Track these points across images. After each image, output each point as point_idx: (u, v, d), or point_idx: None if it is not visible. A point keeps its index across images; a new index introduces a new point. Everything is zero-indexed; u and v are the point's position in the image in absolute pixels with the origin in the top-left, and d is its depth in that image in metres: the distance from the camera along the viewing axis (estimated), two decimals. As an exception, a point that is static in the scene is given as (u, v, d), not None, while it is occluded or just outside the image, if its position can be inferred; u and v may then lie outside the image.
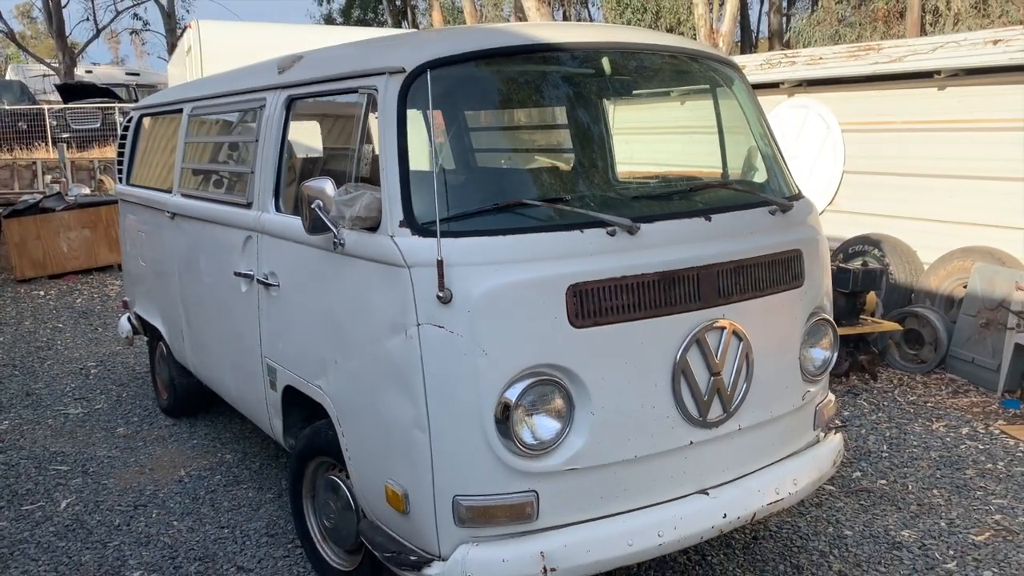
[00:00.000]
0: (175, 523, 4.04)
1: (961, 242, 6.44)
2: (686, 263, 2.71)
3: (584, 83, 3.15)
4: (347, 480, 3.18)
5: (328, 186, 2.79)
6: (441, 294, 2.47)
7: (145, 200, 5.11)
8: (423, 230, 2.57)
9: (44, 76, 29.00)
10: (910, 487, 4.24)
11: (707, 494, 2.84)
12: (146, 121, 5.49)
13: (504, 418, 2.51)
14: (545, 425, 2.56)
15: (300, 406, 3.46)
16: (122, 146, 5.73)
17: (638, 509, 2.72)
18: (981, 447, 4.73)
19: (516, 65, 2.95)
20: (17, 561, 3.72)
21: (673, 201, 2.94)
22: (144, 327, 5.60)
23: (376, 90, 2.76)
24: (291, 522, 3.94)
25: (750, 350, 2.85)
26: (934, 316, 6.12)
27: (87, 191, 12.66)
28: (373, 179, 2.78)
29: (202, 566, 3.65)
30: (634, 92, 3.38)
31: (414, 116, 2.67)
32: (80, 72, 29.33)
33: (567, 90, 3.21)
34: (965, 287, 6.16)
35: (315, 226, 2.82)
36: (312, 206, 2.78)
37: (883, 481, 4.32)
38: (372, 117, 2.82)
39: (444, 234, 2.49)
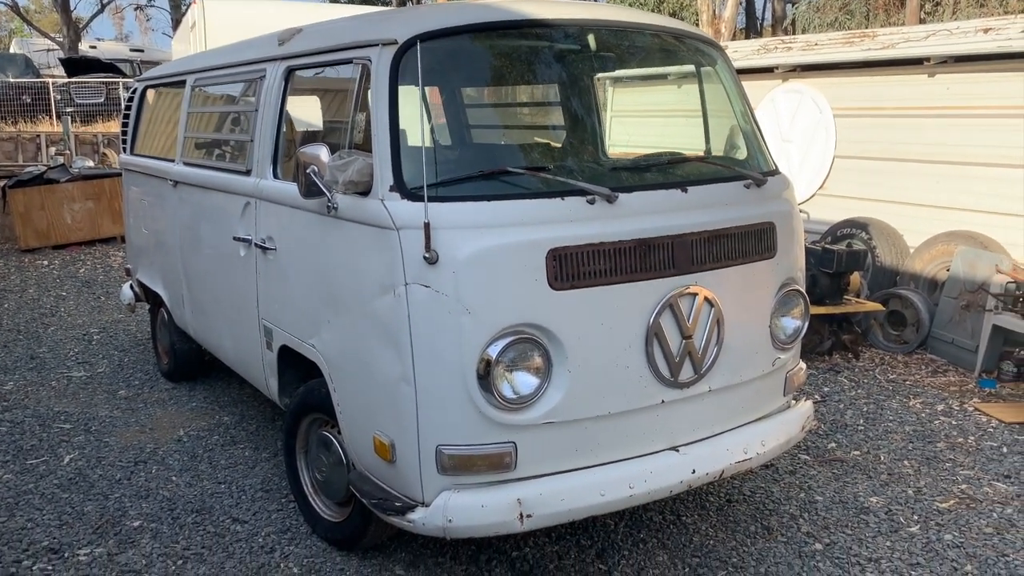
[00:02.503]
0: (174, 478, 4.21)
1: (946, 226, 6.58)
2: (661, 231, 2.85)
3: (570, 59, 3.29)
4: (338, 436, 3.34)
5: (323, 152, 2.93)
6: (428, 255, 2.61)
7: (148, 169, 5.26)
8: (412, 195, 2.72)
9: (48, 50, 29.03)
10: (882, 458, 4.41)
11: (677, 451, 3.00)
12: (150, 92, 5.62)
13: (485, 373, 2.66)
14: (524, 381, 2.72)
15: (295, 366, 3.62)
16: (126, 117, 5.87)
17: (611, 463, 2.88)
18: (954, 423, 4.90)
19: (505, 40, 3.09)
20: (22, 510, 3.89)
21: (651, 173, 3.08)
22: (146, 294, 5.75)
23: (370, 61, 2.90)
24: (286, 479, 4.11)
25: (721, 316, 3.00)
26: (917, 298, 6.27)
27: (91, 164, 12.80)
28: (367, 147, 2.91)
29: (199, 517, 3.82)
30: (619, 69, 3.51)
31: (405, 86, 2.81)
32: (84, 47, 29.37)
33: (554, 65, 3.34)
34: (948, 270, 6.31)
35: (310, 190, 2.96)
36: (308, 171, 2.92)
37: (856, 452, 4.48)
38: (366, 87, 2.96)
39: (431, 199, 2.64)
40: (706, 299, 2.95)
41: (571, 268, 2.71)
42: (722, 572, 3.35)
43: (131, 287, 6.00)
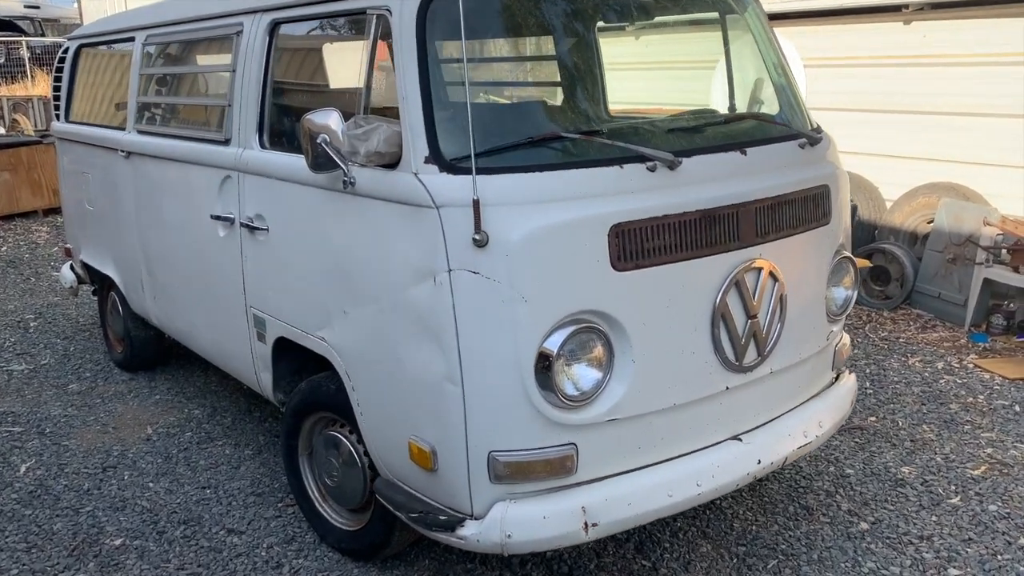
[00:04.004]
0: (151, 485, 3.79)
1: (925, 179, 6.47)
2: (725, 200, 2.56)
3: (608, 5, 2.93)
4: (350, 436, 2.99)
5: (334, 119, 2.53)
6: (478, 237, 2.26)
7: (91, 139, 4.71)
8: (452, 167, 2.35)
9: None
10: (900, 423, 4.26)
11: (740, 440, 2.74)
12: (87, 52, 5.03)
13: (544, 368, 2.34)
14: (586, 375, 2.41)
15: (291, 358, 3.23)
16: (58, 80, 5.26)
17: (675, 459, 2.61)
18: (959, 381, 4.79)
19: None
20: (-19, 532, 3.44)
21: (707, 134, 2.77)
22: (91, 276, 5.22)
23: (389, 11, 2.50)
24: (277, 480, 3.74)
25: (784, 291, 2.74)
26: (901, 252, 6.16)
27: (1, 131, 11.84)
28: (387, 112, 2.53)
29: (188, 530, 3.42)
30: (656, 16, 3.16)
31: (435, 39, 2.42)
32: (-32, 6, 27.32)
33: (588, 13, 2.98)
34: (930, 223, 6.20)
35: (320, 163, 2.56)
36: (318, 141, 2.52)
37: (873, 418, 4.32)
38: (383, 41, 2.56)
39: (479, 171, 2.27)
40: (770, 273, 2.68)
41: (635, 245, 2.39)
42: (773, 561, 3.14)
43: (72, 268, 5.45)
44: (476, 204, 2.24)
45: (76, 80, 5.13)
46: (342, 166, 2.52)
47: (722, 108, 3.24)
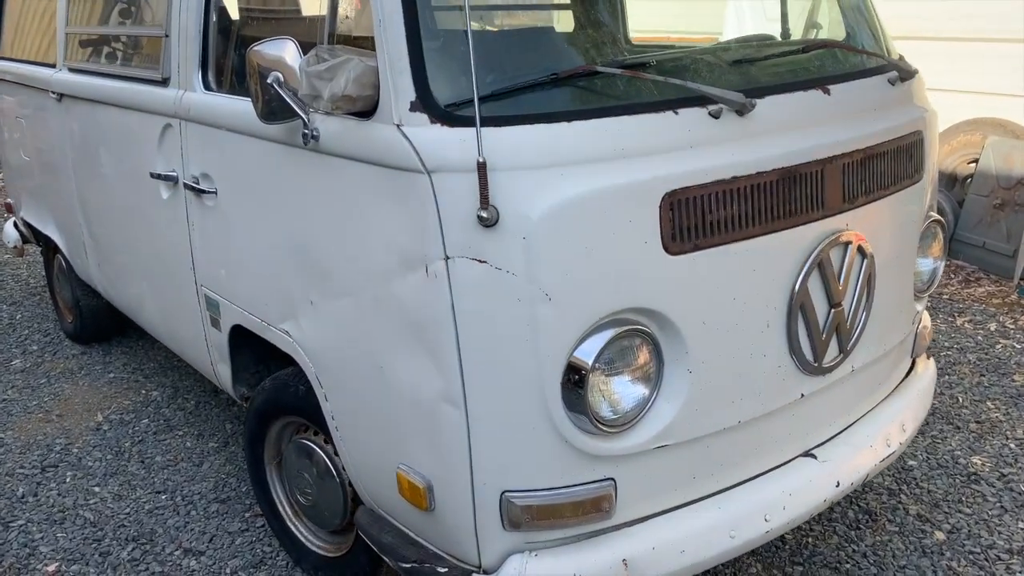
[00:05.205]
0: (96, 489, 3.23)
1: (966, 114, 5.83)
2: (808, 154, 1.94)
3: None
4: (326, 445, 2.43)
5: (289, 51, 1.90)
6: (484, 214, 1.65)
7: (21, 77, 4.03)
8: (447, 116, 1.72)
9: None
10: (960, 400, 3.72)
11: (814, 457, 2.18)
12: (13, -26, 4.30)
13: (574, 385, 1.76)
14: (627, 392, 1.83)
15: (253, 345, 2.64)
16: (-15, 9, 4.54)
17: (736, 486, 2.05)
18: (1018, 346, 4.25)
19: None
20: None
21: (777, 68, 2.14)
22: (35, 235, 4.58)
23: (359, -98, 1.84)
24: (245, 481, 3.19)
25: (873, 269, 2.15)
26: (942, 196, 5.56)
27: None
28: (362, 43, 1.90)
29: (137, 550, 2.87)
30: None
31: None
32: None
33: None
34: (971, 164, 5.60)
35: (272, 110, 1.94)
36: (268, 81, 1.89)
37: (929, 394, 3.78)
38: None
39: (485, 121, 1.65)
40: (859, 248, 2.08)
41: (694, 220, 1.78)
42: (837, 585, 2.62)
43: (15, 226, 4.81)
44: (482, 168, 1.63)
45: (5, 9, 4.41)
46: (300, 114, 1.90)
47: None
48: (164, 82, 2.69)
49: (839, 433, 2.27)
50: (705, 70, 1.97)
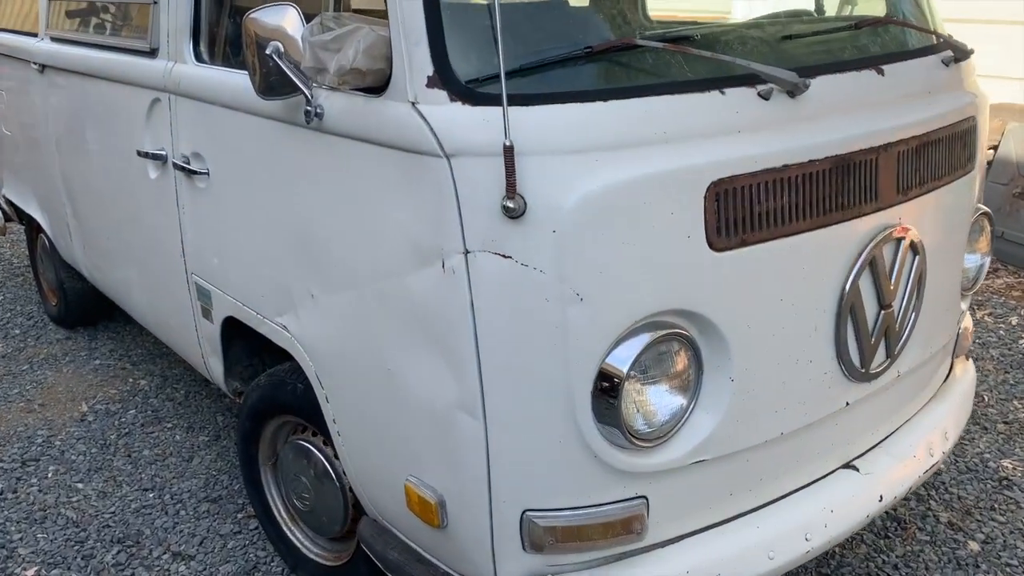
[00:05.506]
0: (80, 486, 3.05)
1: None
2: (862, 141, 1.76)
3: None
4: (326, 447, 2.25)
5: (290, 18, 1.71)
6: (511, 204, 1.47)
7: (2, 47, 3.81)
8: (470, 93, 1.53)
9: None
10: (986, 399, 3.56)
11: (855, 469, 2.02)
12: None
13: (606, 395, 1.58)
14: (663, 402, 1.65)
15: (246, 337, 2.46)
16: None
17: (774, 502, 1.89)
18: (1042, 341, 4.09)
19: None
20: None
21: (829, 44, 1.95)
22: (19, 213, 4.38)
23: None
24: (237, 479, 3.02)
25: (924, 267, 1.97)
26: (959, 185, 5.39)
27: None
28: (374, 10, 1.71)
29: (123, 553, 2.70)
30: None
31: None
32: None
33: None
34: (991, 150, 5.42)
35: (271, 85, 1.75)
36: (267, 52, 1.70)
37: (953, 391, 3.62)
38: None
39: (512, 99, 1.46)
40: (911, 244, 1.91)
41: (742, 212, 1.61)
42: (868, 601, 2.46)
43: (-2, 203, 4.60)
44: (509, 152, 1.44)
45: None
46: (303, 89, 1.71)
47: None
48: (152, 53, 2.49)
49: (880, 442, 2.11)
50: (752, 46, 1.78)
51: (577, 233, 1.49)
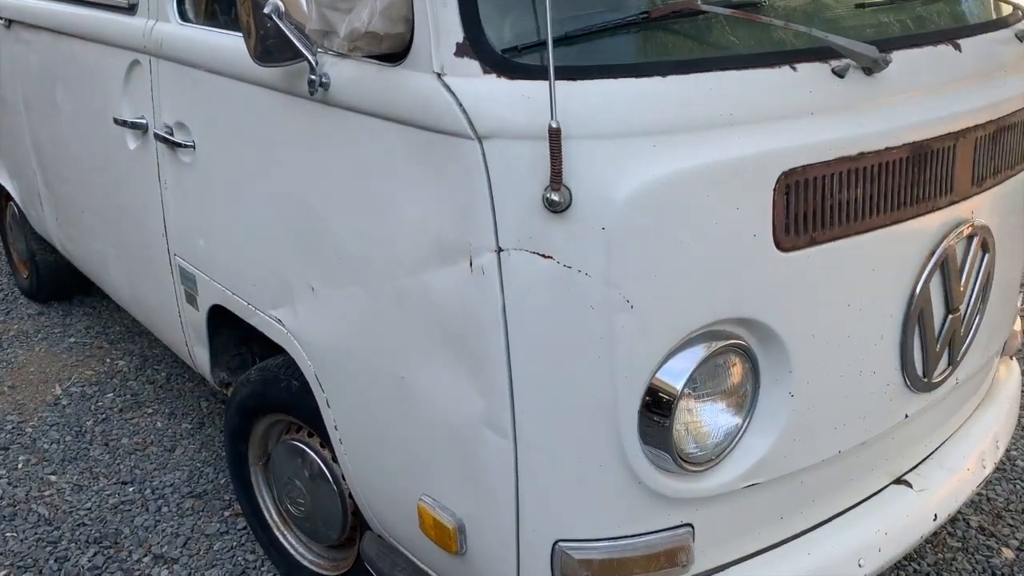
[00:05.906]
0: (53, 478, 2.84)
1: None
2: (940, 125, 1.56)
3: None
4: (323, 450, 2.05)
5: (293, -26, 1.47)
6: (556, 196, 1.26)
7: (-34, 0, 3.51)
8: (507, 64, 1.31)
9: None
10: (1009, 391, 3.41)
11: (908, 485, 1.84)
12: None
13: (655, 412, 1.39)
14: (716, 422, 1.46)
15: (235, 324, 2.24)
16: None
17: (825, 523, 1.71)
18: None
19: None
20: None
21: (902, 13, 1.74)
22: (-13, 180, 4.10)
23: None
24: (224, 472, 2.82)
25: (993, 266, 1.79)
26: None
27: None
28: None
29: (99, 555, 2.49)
30: None
31: None
32: None
33: None
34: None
35: (268, 49, 1.52)
36: (266, 11, 1.47)
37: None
38: None
39: (558, 73, 1.25)
40: (982, 242, 1.72)
41: (812, 205, 1.40)
42: (901, 616, 2.31)
43: (-35, 168, 4.31)
44: (555, 135, 1.23)
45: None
46: (306, 55, 1.48)
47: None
48: (131, 9, 2.24)
49: (931, 454, 1.93)
50: (822, 14, 1.57)
51: (629, 231, 1.29)
